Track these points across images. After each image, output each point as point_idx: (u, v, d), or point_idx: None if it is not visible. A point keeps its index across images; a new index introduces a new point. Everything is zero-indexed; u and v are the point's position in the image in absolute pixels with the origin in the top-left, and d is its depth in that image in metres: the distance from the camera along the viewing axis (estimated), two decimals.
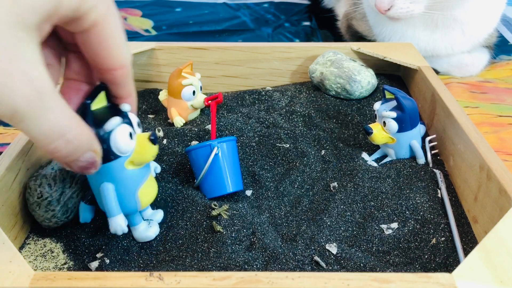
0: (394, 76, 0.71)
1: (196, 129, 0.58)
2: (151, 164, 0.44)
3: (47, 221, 0.44)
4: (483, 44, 0.80)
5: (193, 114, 0.62)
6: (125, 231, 0.40)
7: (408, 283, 0.31)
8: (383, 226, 0.45)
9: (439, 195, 0.49)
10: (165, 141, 0.56)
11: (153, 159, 0.42)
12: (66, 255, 0.43)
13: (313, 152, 0.55)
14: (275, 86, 0.72)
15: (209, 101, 0.56)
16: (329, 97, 0.66)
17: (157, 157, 0.51)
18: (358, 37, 0.85)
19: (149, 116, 0.65)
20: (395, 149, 0.54)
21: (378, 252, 0.43)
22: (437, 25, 0.74)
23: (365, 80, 0.64)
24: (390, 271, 0.40)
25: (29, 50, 0.29)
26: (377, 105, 0.53)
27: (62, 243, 0.44)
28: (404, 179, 0.51)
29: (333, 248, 0.43)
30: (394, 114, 0.51)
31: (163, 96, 0.62)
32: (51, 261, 0.42)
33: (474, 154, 0.46)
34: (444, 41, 0.75)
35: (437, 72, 0.78)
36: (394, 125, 0.51)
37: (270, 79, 0.72)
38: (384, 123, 0.52)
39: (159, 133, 0.58)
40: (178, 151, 0.54)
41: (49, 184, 0.43)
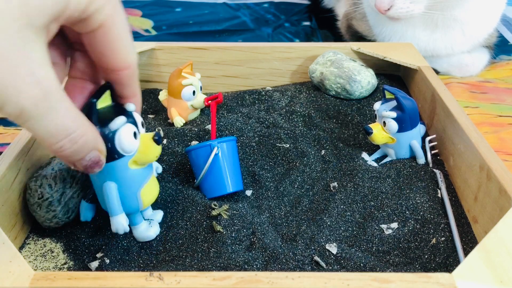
0: (394, 76, 0.71)
1: (196, 129, 0.58)
2: (153, 164, 0.44)
3: (48, 222, 0.44)
4: (483, 44, 0.80)
5: (193, 114, 0.62)
6: (126, 230, 0.40)
7: (408, 283, 0.31)
8: (383, 226, 0.45)
9: (439, 195, 0.49)
10: (165, 141, 0.56)
11: (156, 159, 0.42)
12: (66, 255, 0.43)
13: (313, 152, 0.55)
14: (275, 86, 0.72)
15: (209, 101, 0.56)
16: (329, 97, 0.66)
17: None
18: (358, 37, 0.85)
19: (149, 116, 0.65)
20: (395, 149, 0.54)
21: (378, 252, 0.43)
22: (437, 25, 0.74)
23: (365, 80, 0.64)
24: (390, 271, 0.40)
25: (36, 50, 0.29)
26: (377, 105, 0.53)
27: (62, 243, 0.44)
28: (404, 179, 0.51)
29: (333, 248, 0.43)
30: (394, 114, 0.51)
31: (163, 96, 0.62)
32: (51, 261, 0.42)
33: (474, 154, 0.46)
34: (444, 41, 0.75)
35: (437, 72, 0.78)
36: (394, 125, 0.51)
37: (270, 79, 0.72)
38: (384, 123, 0.52)
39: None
40: (178, 151, 0.54)
41: (49, 184, 0.43)
